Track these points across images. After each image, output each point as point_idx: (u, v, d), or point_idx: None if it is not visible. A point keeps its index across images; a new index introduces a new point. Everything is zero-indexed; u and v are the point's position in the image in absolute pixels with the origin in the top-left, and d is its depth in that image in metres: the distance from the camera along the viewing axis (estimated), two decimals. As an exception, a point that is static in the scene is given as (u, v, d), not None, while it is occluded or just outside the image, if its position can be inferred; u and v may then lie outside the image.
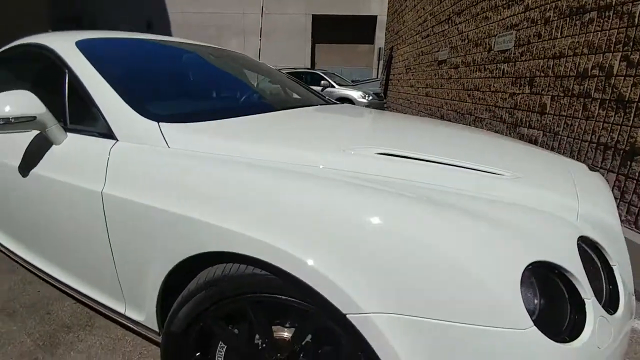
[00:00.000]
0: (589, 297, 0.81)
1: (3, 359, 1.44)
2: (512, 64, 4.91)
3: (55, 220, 1.31)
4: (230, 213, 0.91)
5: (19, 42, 1.78)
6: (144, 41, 1.81)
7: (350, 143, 1.17)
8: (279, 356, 0.98)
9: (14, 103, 1.16)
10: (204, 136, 1.15)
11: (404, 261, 0.76)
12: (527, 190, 1.01)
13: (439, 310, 0.74)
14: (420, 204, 0.84)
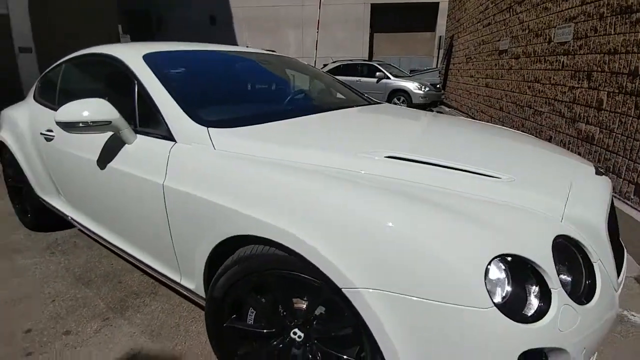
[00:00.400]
0: (555, 288, 0.92)
1: (79, 319, 1.80)
2: (571, 56, 4.63)
3: (126, 204, 1.63)
4: (258, 205, 1.13)
5: (90, 50, 2.12)
6: (200, 52, 2.07)
7: (366, 147, 1.32)
8: (296, 322, 1.19)
9: (92, 109, 1.46)
10: (242, 140, 1.38)
11: (390, 248, 0.93)
12: (518, 192, 1.11)
13: (416, 289, 0.90)
14: (408, 202, 0.99)
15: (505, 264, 0.92)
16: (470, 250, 0.90)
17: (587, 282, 1.03)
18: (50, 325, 1.75)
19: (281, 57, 2.68)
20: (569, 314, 0.93)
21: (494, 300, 0.87)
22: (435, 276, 0.89)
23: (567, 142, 4.57)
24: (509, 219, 1.00)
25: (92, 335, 1.69)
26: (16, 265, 2.29)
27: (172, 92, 1.57)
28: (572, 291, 1.00)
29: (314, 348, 1.19)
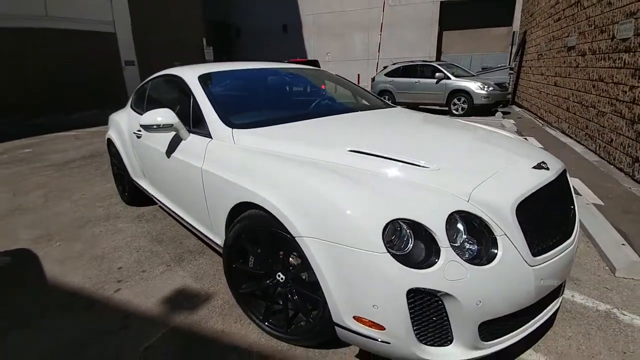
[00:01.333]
0: (444, 247, 1.27)
1: (151, 264, 2.50)
2: (632, 54, 4.41)
3: (182, 182, 2.27)
4: (250, 180, 1.66)
5: (166, 71, 2.85)
6: (239, 71, 2.69)
7: (340, 143, 1.78)
8: (279, 267, 1.69)
9: (162, 116, 2.12)
10: (254, 137, 1.92)
11: (324, 209, 1.37)
12: (439, 179, 1.46)
13: (338, 237, 1.33)
14: (344, 180, 1.43)
15: (407, 224, 1.29)
16: (376, 213, 1.30)
17: (491, 250, 1.34)
18: (133, 266, 2.49)
19: (306, 70, 3.20)
20: (456, 268, 1.27)
21: (392, 249, 1.26)
22: (350, 229, 1.31)
23: (626, 145, 4.38)
24: (418, 196, 1.38)
25: (158, 274, 2.38)
26: (116, 227, 3.14)
27: (214, 103, 2.18)
28: (476, 256, 1.34)
29: (292, 288, 1.69)
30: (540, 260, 1.42)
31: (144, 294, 2.17)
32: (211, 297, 2.13)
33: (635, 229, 2.87)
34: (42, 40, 10.68)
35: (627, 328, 1.82)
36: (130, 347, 1.77)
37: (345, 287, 1.36)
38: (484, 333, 1.38)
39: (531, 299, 1.41)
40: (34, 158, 5.92)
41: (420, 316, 1.30)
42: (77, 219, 3.35)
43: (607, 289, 2.14)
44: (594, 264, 2.40)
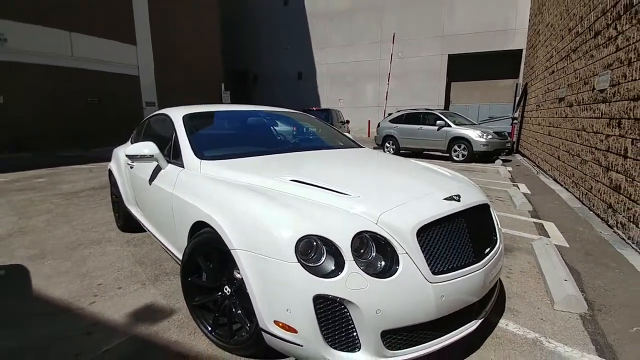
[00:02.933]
0: (348, 260, 1.49)
1: (128, 282, 2.74)
2: (608, 104, 4.66)
3: (159, 205, 2.56)
4: (205, 203, 1.93)
5: (160, 111, 3.25)
6: (220, 112, 3.07)
7: (285, 174, 2.06)
8: (226, 281, 1.91)
9: (144, 148, 2.46)
10: (218, 167, 2.22)
11: (253, 226, 1.62)
12: (356, 205, 1.69)
13: (260, 248, 1.57)
14: (273, 203, 1.69)
15: (320, 240, 1.52)
16: (292, 229, 1.54)
17: (394, 266, 1.55)
18: (111, 283, 2.73)
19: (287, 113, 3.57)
20: (357, 279, 1.48)
21: (303, 260, 1.49)
22: (271, 242, 1.55)
23: (602, 192, 4.51)
24: (333, 217, 1.62)
25: (132, 291, 2.61)
26: (105, 250, 3.41)
27: (190, 138, 2.52)
28: (382, 271, 1.55)
29: (235, 300, 1.90)
30: (441, 279, 1.61)
31: (115, 307, 2.40)
32: (174, 312, 2.34)
33: (589, 268, 2.98)
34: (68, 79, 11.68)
35: (549, 355, 1.93)
36: (90, 348, 1.98)
37: (266, 293, 1.57)
38: (389, 342, 1.55)
39: (432, 313, 1.58)
40: (46, 187, 6.38)
41: (328, 321, 1.49)
42: (72, 241, 3.65)
43: (541, 320, 2.25)
44: (537, 298, 2.51)
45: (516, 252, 3.36)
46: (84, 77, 12.12)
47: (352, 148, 3.06)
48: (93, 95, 12.40)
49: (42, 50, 11.08)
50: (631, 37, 4.03)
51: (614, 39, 4.60)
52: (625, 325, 2.18)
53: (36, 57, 10.99)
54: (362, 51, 19.08)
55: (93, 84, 12.35)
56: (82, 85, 12.08)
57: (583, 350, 1.96)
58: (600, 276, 2.85)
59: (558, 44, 7.87)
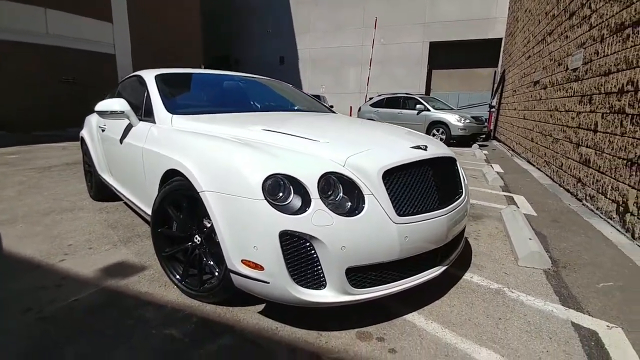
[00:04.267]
0: (315, 198, 1.52)
1: (99, 243, 2.71)
2: (580, 82, 4.81)
3: (129, 163, 2.53)
4: (176, 152, 1.92)
5: (133, 73, 3.19)
6: (193, 73, 3.03)
7: (259, 125, 2.06)
8: (196, 230, 1.91)
9: (114, 104, 2.42)
10: (190, 121, 2.21)
11: (222, 168, 1.63)
12: (324, 149, 1.73)
13: (228, 188, 1.58)
14: (243, 147, 1.70)
15: (287, 180, 1.54)
16: (260, 168, 1.56)
17: (360, 205, 1.59)
18: (83, 244, 2.69)
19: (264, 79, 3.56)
20: (323, 216, 1.51)
21: (271, 199, 1.50)
22: (239, 181, 1.57)
23: (573, 167, 4.68)
24: (301, 159, 1.65)
25: (103, 251, 2.58)
26: (77, 216, 3.35)
27: (162, 94, 2.49)
28: (349, 211, 1.58)
29: (205, 248, 1.91)
30: (405, 220, 1.66)
31: (85, 264, 2.37)
32: (146, 269, 2.33)
33: (555, 233, 3.11)
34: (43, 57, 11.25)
35: (510, 302, 2.02)
36: (60, 298, 1.96)
37: (234, 232, 1.59)
38: (353, 280, 1.60)
39: (395, 253, 1.63)
40: (19, 162, 6.18)
41: (294, 257, 1.52)
42: (43, 209, 3.57)
43: (505, 274, 2.35)
44: (503, 256, 2.62)
45: (485, 219, 3.47)
46: (60, 55, 11.66)
47: (326, 113, 3.08)
48: (68, 73, 11.97)
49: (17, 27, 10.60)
50: (604, 13, 4.15)
51: (587, 17, 4.73)
52: (591, 282, 2.29)
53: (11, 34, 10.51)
54: (345, 37, 18.98)
55: (68, 62, 11.89)
56: (57, 63, 11.63)
57: (546, 300, 2.06)
58: (566, 240, 2.98)
59: (535, 29, 8.03)
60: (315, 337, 1.67)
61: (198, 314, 1.84)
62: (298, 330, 1.72)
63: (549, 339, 1.71)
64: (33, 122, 10.99)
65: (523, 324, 1.83)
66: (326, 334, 1.69)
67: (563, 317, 1.90)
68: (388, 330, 1.73)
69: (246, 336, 1.67)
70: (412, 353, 1.58)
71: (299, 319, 1.79)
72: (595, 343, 1.69)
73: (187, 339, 1.64)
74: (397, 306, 1.92)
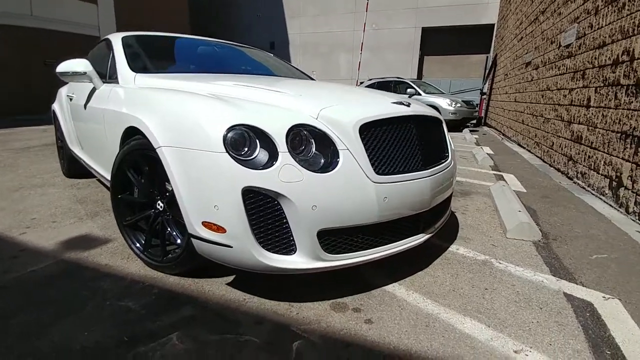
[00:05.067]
0: (282, 151, 1.36)
1: (64, 217, 2.53)
2: (573, 58, 4.68)
3: (93, 128, 2.37)
4: (137, 109, 1.74)
5: (103, 38, 2.99)
6: (160, 36, 2.84)
7: (230, 82, 1.90)
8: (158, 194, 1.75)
9: (75, 65, 2.23)
10: (154, 79, 2.04)
11: (181, 122, 1.47)
12: (296, 101, 1.58)
13: (186, 142, 1.42)
14: (206, 100, 1.53)
15: (253, 132, 1.37)
16: (221, 119, 1.40)
17: (333, 161, 1.44)
18: (47, 218, 2.52)
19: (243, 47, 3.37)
20: (291, 171, 1.35)
21: (234, 153, 1.34)
22: (198, 133, 1.41)
23: (564, 146, 4.58)
24: (269, 110, 1.49)
25: (67, 225, 2.41)
26: (46, 192, 3.16)
27: (127, 55, 2.30)
28: (322, 167, 1.42)
29: (169, 215, 1.75)
30: (385, 180, 1.51)
31: (46, 237, 2.20)
32: (109, 241, 2.17)
33: (544, 207, 3.00)
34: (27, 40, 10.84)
35: (498, 272, 1.90)
36: (14, 269, 1.80)
37: (193, 191, 1.43)
38: (326, 244, 1.45)
39: (373, 215, 1.48)
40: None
41: (259, 218, 1.37)
42: (13, 185, 3.37)
43: (493, 246, 2.23)
44: (491, 229, 2.50)
45: (474, 195, 3.35)
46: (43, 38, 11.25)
47: (306, 79, 2.91)
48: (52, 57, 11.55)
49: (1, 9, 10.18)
50: (597, -15, 4.00)
51: (580, -9, 4.58)
52: (584, 253, 2.17)
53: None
54: (336, 21, 18.61)
55: (52, 45, 11.48)
56: (41, 46, 11.23)
57: (536, 271, 1.94)
58: (556, 214, 2.87)
59: (527, 9, 7.86)
60: (286, 308, 1.54)
61: (160, 286, 1.69)
62: (267, 302, 1.58)
63: (540, 309, 1.59)
64: (15, 107, 10.64)
65: (511, 294, 1.71)
66: (297, 305, 1.55)
67: (554, 287, 1.78)
68: (365, 301, 1.60)
69: (210, 307, 1.53)
70: (390, 324, 1.45)
71: (270, 290, 1.65)
72: (591, 314, 1.57)
73: (143, 311, 1.49)
74: (376, 276, 1.79)
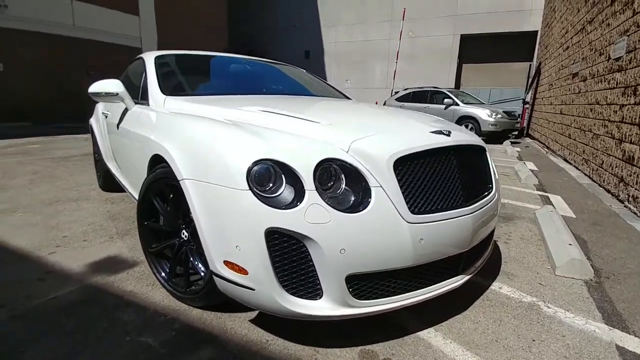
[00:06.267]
0: (310, 189, 1.25)
1: (96, 235, 2.55)
2: (623, 72, 4.32)
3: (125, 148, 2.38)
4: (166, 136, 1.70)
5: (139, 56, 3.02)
6: (192, 55, 2.84)
7: (257, 106, 1.83)
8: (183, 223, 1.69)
9: (108, 85, 2.25)
10: (183, 103, 2.00)
11: (204, 153, 1.41)
12: (326, 132, 1.48)
13: (208, 176, 1.35)
14: (228, 128, 1.46)
15: (279, 167, 1.28)
16: (245, 153, 1.31)
17: (365, 200, 1.31)
18: (78, 236, 2.55)
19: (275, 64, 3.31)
20: (319, 211, 1.24)
21: (258, 189, 1.25)
22: (221, 167, 1.34)
23: (614, 165, 4.21)
24: (295, 142, 1.39)
25: (97, 244, 2.43)
26: (81, 206, 3.24)
27: (159, 77, 2.29)
28: (352, 205, 1.31)
29: (193, 245, 1.69)
30: (421, 219, 1.37)
31: (75, 258, 2.21)
32: (136, 265, 2.15)
33: (596, 238, 2.72)
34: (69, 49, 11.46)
35: (546, 319, 1.70)
36: (38, 295, 1.80)
37: (215, 228, 1.36)
38: (356, 289, 1.34)
39: (408, 258, 1.35)
40: (38, 152, 6.24)
41: (283, 261, 1.27)
42: (49, 198, 3.48)
43: (540, 285, 2.02)
44: (537, 263, 2.28)
45: (517, 221, 3.12)
46: (85, 48, 11.90)
47: (341, 99, 2.81)
48: (94, 66, 12.18)
49: (43, 18, 10.83)
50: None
51: (630, 3, 4.24)
52: (636, 295, 1.94)
53: (37, 25, 10.75)
54: (372, 30, 18.47)
55: (94, 55, 12.12)
56: (83, 56, 11.87)
57: (587, 317, 1.73)
58: (608, 246, 2.60)
59: (573, 18, 7.43)
60: (311, 354, 1.43)
61: (182, 320, 1.63)
62: (291, 345, 1.47)
63: (595, 368, 1.40)
64: (59, 114, 11.26)
65: (561, 347, 1.52)
66: (323, 352, 1.44)
67: (607, 339, 1.58)
68: (398, 350, 1.46)
69: (230, 349, 1.44)
70: (425, 380, 1.31)
71: (295, 332, 1.55)
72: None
73: (163, 350, 1.43)
74: (409, 319, 1.65)
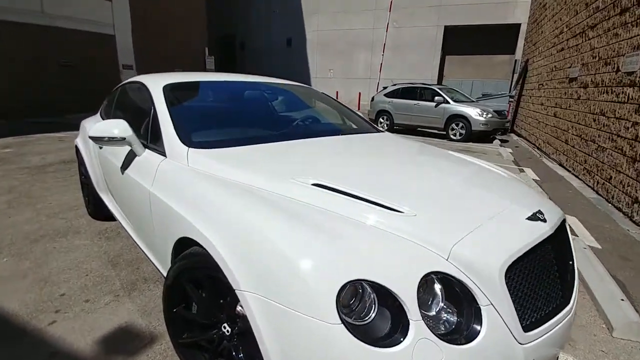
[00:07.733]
0: (414, 319, 1.01)
1: (98, 292, 2.24)
2: (637, 88, 4.24)
3: (134, 202, 2.02)
4: (195, 213, 1.42)
5: (134, 78, 2.62)
6: (213, 83, 2.47)
7: (303, 172, 1.54)
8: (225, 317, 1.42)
9: (113, 128, 1.88)
10: (211, 160, 1.67)
11: (267, 259, 1.12)
12: (414, 228, 1.20)
13: (280, 296, 1.07)
14: (300, 228, 1.17)
15: (369, 286, 1.03)
16: (331, 271, 1.03)
17: (473, 324, 1.07)
18: (77, 293, 2.22)
19: (290, 86, 2.96)
20: (428, 348, 0.99)
21: (349, 317, 1.00)
22: (298, 288, 1.05)
23: (626, 184, 4.18)
24: (386, 250, 1.12)
25: (102, 306, 2.11)
26: (73, 244, 2.87)
27: (173, 117, 1.95)
28: (454, 330, 1.07)
29: (239, 343, 1.42)
30: (533, 336, 1.16)
31: (80, 330, 1.90)
32: (155, 340, 1.86)
33: (631, 277, 2.63)
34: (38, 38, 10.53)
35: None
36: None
37: (284, 355, 1.09)
38: None
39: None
40: (12, 159, 5.68)
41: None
42: (34, 231, 3.09)
43: (603, 352, 1.88)
44: (590, 319, 2.15)
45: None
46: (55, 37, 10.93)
47: (371, 133, 2.54)
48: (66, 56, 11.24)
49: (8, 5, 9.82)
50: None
51: (649, 15, 4.13)
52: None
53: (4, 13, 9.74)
54: (355, 19, 18.02)
55: (65, 45, 11.16)
56: (53, 45, 10.91)
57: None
58: (645, 288, 2.51)
59: (571, 20, 7.35)
60: None
61: None
62: None
63: None
64: (30, 109, 10.39)
65: None
66: None
67: None
68: None
69: None
70: None
71: None
72: None
73: None
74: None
